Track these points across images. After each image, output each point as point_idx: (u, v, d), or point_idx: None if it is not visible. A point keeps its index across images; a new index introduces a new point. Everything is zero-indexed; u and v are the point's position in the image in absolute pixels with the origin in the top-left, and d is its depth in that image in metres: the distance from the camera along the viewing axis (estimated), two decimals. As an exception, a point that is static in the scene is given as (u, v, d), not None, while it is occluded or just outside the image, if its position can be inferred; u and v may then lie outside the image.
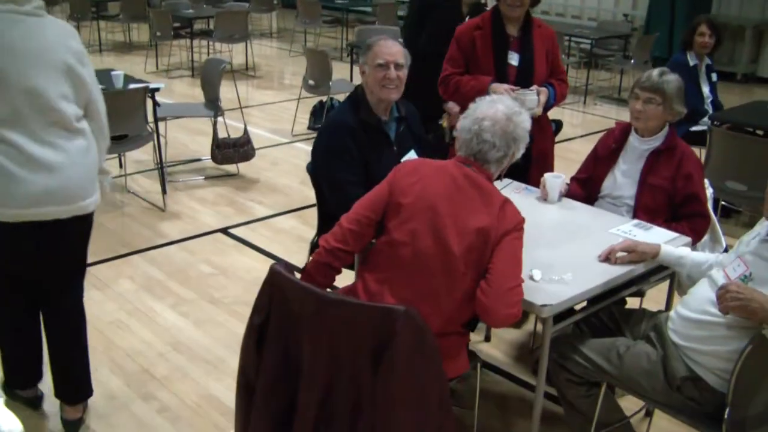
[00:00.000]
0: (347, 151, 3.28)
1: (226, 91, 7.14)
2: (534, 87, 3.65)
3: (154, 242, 4.99)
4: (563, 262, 2.77)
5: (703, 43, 5.66)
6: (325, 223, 3.49)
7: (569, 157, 3.74)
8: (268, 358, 2.42)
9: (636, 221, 3.22)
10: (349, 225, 2.61)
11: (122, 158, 6.27)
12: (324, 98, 7.47)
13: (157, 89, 5.59)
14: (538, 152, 3.85)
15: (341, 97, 6.53)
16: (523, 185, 3.59)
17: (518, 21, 3.69)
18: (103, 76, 5.57)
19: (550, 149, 3.96)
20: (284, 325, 2.39)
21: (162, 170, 5.80)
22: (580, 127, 8.37)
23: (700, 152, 5.33)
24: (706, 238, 3.44)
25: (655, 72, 3.31)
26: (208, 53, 11.16)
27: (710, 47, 5.68)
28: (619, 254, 2.79)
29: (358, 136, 3.29)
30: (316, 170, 3.51)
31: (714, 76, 5.83)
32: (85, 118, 2.87)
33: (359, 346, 2.22)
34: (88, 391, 3.20)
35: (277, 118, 8.24)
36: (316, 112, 7.58)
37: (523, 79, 3.68)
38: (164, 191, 5.78)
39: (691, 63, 5.71)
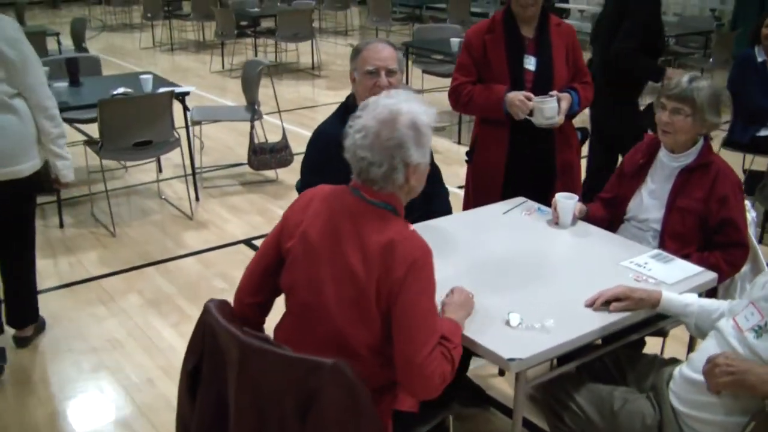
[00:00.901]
0: (335, 165, 2.97)
1: (286, 92, 6.90)
2: (554, 93, 3.23)
3: (173, 253, 4.79)
4: (553, 303, 2.38)
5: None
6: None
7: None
8: (201, 403, 2.19)
9: (655, 252, 2.79)
10: (247, 272, 2.31)
11: (159, 162, 6.13)
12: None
13: (187, 93, 5.40)
14: (562, 164, 3.47)
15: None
16: (536, 205, 3.19)
17: (533, 20, 3.28)
18: (132, 80, 5.45)
19: (575, 161, 3.54)
20: (216, 368, 2.15)
21: (194, 177, 5.62)
22: (654, 130, 7.80)
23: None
24: (746, 268, 2.98)
25: (685, 78, 2.86)
26: (276, 52, 11.03)
27: None
28: (613, 304, 2.35)
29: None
30: (304, 188, 3.21)
31: (790, 77, 5.23)
32: (21, 97, 3.28)
33: (284, 398, 1.96)
34: (34, 317, 3.78)
35: (332, 120, 7.96)
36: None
37: (541, 84, 3.28)
38: (196, 198, 5.60)
39: (759, 59, 5.16)
